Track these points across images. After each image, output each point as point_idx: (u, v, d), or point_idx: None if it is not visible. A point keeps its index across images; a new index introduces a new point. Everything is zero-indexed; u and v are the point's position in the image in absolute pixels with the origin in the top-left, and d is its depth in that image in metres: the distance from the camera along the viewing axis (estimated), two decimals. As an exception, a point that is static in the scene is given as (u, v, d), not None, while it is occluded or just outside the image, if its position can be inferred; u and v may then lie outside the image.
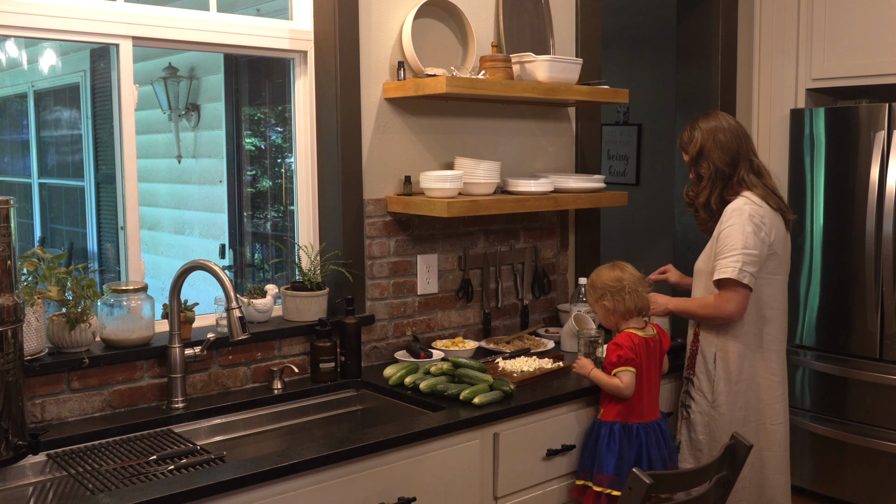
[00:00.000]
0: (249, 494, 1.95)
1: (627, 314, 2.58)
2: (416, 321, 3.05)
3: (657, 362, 2.63)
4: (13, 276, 1.99)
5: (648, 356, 2.58)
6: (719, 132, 2.71)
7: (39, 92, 6.21)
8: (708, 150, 2.72)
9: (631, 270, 2.62)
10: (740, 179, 2.70)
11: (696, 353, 2.77)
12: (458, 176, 2.84)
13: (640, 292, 2.59)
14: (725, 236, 2.62)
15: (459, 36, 3.08)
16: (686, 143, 2.80)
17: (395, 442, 2.20)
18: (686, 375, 2.81)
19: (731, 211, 2.65)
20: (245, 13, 2.94)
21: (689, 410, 2.77)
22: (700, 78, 4.19)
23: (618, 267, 2.63)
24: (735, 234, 2.60)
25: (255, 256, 5.40)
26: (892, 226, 3.60)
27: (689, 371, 2.80)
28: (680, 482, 2.16)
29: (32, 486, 2.12)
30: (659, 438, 2.59)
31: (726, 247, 2.61)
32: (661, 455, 2.57)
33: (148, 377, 2.47)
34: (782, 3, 4.06)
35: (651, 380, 2.60)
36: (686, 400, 2.80)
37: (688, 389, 2.80)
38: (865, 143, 3.69)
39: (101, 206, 5.65)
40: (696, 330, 2.77)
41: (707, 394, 2.73)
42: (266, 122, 5.39)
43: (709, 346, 2.73)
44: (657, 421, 2.61)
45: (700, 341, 2.75)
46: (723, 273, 2.59)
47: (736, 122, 2.78)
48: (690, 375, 2.79)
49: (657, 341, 2.63)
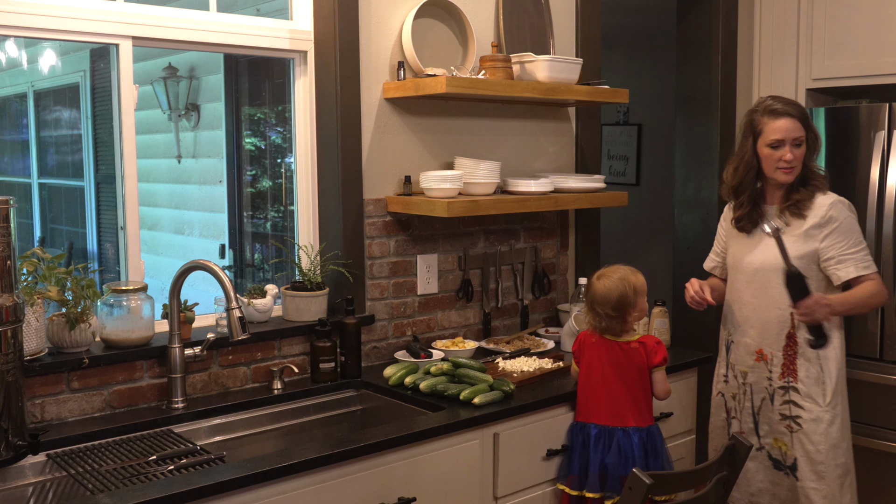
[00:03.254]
0: (249, 494, 1.95)
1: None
2: (416, 321, 3.05)
3: (626, 369, 2.55)
4: (13, 276, 1.99)
5: (606, 359, 2.56)
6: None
7: (39, 92, 6.20)
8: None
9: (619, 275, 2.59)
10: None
11: (794, 357, 2.60)
12: (458, 176, 2.84)
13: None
14: (846, 231, 2.56)
15: (459, 36, 3.08)
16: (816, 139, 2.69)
17: (395, 442, 2.20)
18: (784, 385, 2.62)
19: (829, 204, 2.59)
20: (245, 13, 2.94)
21: (799, 421, 2.60)
22: (700, 78, 4.19)
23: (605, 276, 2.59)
24: (855, 227, 2.58)
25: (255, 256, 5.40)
26: (892, 226, 3.59)
27: (786, 379, 2.61)
28: (680, 482, 2.16)
29: (32, 486, 2.12)
30: (625, 446, 2.51)
31: (853, 241, 2.56)
32: (616, 462, 2.50)
33: (148, 377, 2.47)
34: (782, 3, 4.06)
35: (611, 383, 2.55)
36: (791, 411, 2.61)
37: (791, 399, 2.60)
38: (865, 143, 3.68)
39: (101, 206, 5.65)
40: (791, 331, 2.59)
41: (818, 398, 2.58)
42: (266, 122, 5.39)
43: (809, 350, 2.56)
44: (625, 428, 2.53)
45: (799, 343, 2.58)
46: (867, 269, 2.54)
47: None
48: (791, 383, 2.60)
49: (633, 350, 2.56)
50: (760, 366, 2.67)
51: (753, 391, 2.70)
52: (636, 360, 2.54)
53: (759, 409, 2.69)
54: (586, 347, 2.62)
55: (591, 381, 2.58)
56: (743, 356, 2.72)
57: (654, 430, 2.59)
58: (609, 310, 2.54)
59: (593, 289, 2.58)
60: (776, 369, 2.63)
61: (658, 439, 2.59)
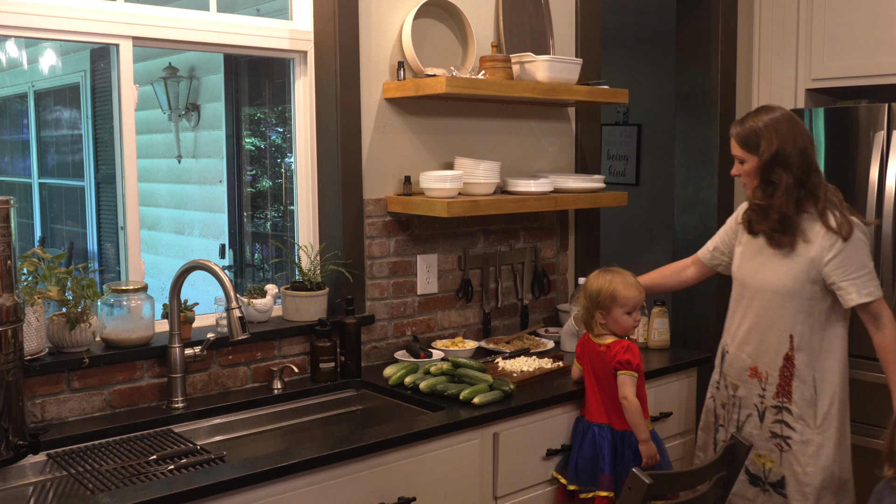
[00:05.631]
0: (249, 494, 1.95)
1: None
2: (416, 321, 3.05)
3: (600, 371, 2.57)
4: (13, 276, 1.99)
5: (589, 358, 2.61)
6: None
7: (39, 92, 6.21)
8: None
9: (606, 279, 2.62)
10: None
11: (790, 379, 2.56)
12: (457, 176, 2.84)
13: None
14: (850, 255, 2.46)
15: (459, 36, 3.08)
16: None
17: (395, 442, 2.20)
18: (777, 404, 2.59)
19: (834, 229, 2.49)
20: (245, 13, 2.94)
21: (790, 441, 2.57)
22: (700, 78, 4.19)
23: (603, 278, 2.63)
24: (864, 251, 2.49)
25: (255, 256, 5.40)
26: (892, 226, 3.59)
27: (780, 399, 2.58)
28: (680, 482, 2.16)
29: (32, 485, 2.12)
30: (595, 441, 2.55)
31: (857, 266, 2.47)
32: (586, 455, 2.55)
33: (148, 377, 2.47)
34: (782, 3, 4.06)
35: (592, 382, 2.59)
36: (782, 430, 2.58)
37: (783, 419, 2.58)
38: (865, 143, 3.68)
39: (101, 206, 5.66)
40: (789, 353, 2.55)
41: (810, 420, 2.54)
42: (266, 122, 5.40)
43: (806, 372, 2.54)
44: (601, 425, 2.56)
45: (796, 365, 2.54)
46: (869, 296, 2.45)
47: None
48: (785, 404, 2.57)
49: (604, 353, 2.57)
50: (753, 382, 2.64)
51: (741, 406, 2.67)
52: (607, 361, 2.55)
53: (744, 424, 2.67)
54: (583, 347, 2.66)
55: (585, 378, 2.63)
56: (737, 370, 2.69)
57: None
58: (584, 299, 2.62)
59: (587, 278, 2.67)
60: (770, 388, 2.60)
61: (654, 441, 2.59)
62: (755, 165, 2.53)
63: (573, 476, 2.56)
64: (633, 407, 2.50)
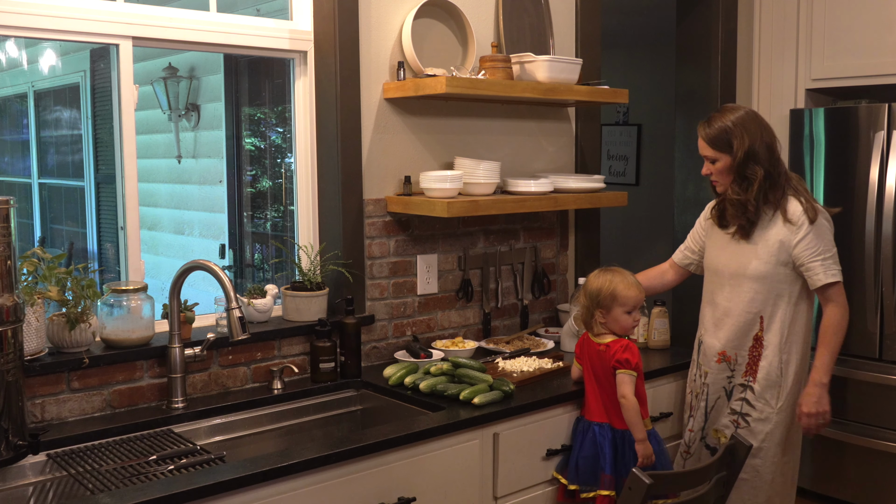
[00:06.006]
0: (249, 494, 1.95)
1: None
2: (415, 321, 3.05)
3: (599, 370, 2.58)
4: (13, 276, 1.99)
5: (589, 358, 2.61)
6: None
7: (39, 92, 6.21)
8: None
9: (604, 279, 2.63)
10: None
11: (758, 359, 2.65)
12: (457, 176, 2.84)
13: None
14: (817, 237, 2.58)
15: (459, 36, 3.08)
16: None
17: (395, 442, 2.20)
18: (743, 382, 2.67)
19: (801, 213, 2.60)
20: (245, 13, 2.94)
21: (748, 419, 2.66)
22: (700, 78, 4.19)
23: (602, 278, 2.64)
24: (828, 235, 2.60)
25: (255, 256, 5.40)
26: (892, 226, 3.60)
27: (746, 378, 2.67)
28: (680, 482, 2.16)
29: (32, 485, 2.12)
30: (596, 441, 2.56)
31: (823, 249, 2.58)
32: (587, 454, 2.55)
33: (148, 377, 2.47)
34: (782, 4, 4.06)
35: (592, 381, 2.59)
36: (741, 408, 2.68)
37: (745, 397, 2.67)
38: (865, 143, 3.69)
39: (101, 206, 5.66)
40: (759, 334, 2.65)
41: (771, 400, 2.64)
42: (266, 122, 5.39)
43: (774, 352, 2.63)
44: (602, 424, 2.57)
45: (765, 345, 2.64)
46: (833, 277, 2.56)
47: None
48: (750, 383, 2.66)
49: (603, 352, 2.58)
50: (722, 367, 2.72)
51: (710, 391, 2.75)
52: (607, 361, 2.56)
53: (713, 408, 2.75)
54: (583, 347, 2.66)
55: (585, 377, 2.63)
56: (708, 357, 2.76)
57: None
58: (585, 298, 2.62)
59: (587, 277, 2.68)
60: (739, 368, 2.69)
61: (654, 441, 2.59)
62: (728, 164, 2.64)
63: (574, 476, 2.56)
64: (630, 406, 2.50)
